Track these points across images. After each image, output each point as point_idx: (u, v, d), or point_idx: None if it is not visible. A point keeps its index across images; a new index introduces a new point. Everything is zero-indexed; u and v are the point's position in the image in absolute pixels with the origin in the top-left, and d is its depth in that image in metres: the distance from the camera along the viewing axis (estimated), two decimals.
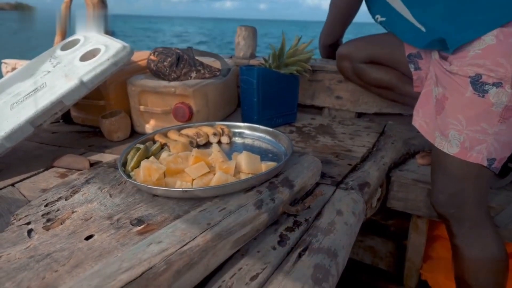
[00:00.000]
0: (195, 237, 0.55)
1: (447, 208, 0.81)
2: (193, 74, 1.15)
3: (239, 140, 0.97)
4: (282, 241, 0.64)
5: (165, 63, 1.13)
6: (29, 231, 0.61)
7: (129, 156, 0.81)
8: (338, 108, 1.37)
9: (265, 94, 1.15)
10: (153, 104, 1.14)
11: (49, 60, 1.11)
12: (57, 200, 0.71)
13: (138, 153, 0.80)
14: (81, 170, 0.91)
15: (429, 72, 0.90)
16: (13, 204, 0.77)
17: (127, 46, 1.07)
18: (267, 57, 1.22)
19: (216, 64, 1.27)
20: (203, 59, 1.25)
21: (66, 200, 0.71)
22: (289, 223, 0.69)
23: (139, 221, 0.62)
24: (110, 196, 0.71)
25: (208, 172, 0.72)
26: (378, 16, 1.00)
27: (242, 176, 0.72)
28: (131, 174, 0.77)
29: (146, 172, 0.71)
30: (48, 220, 0.64)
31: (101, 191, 0.73)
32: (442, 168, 0.81)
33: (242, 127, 0.99)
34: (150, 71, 1.17)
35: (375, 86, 1.10)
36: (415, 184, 0.97)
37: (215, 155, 0.76)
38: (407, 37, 0.93)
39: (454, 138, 0.77)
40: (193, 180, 0.71)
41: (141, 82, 1.12)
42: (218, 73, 1.20)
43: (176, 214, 0.64)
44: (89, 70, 0.99)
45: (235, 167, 0.73)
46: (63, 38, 1.68)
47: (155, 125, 1.16)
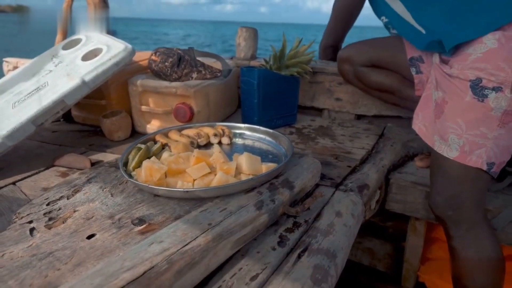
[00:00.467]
0: (196, 237, 0.56)
1: (445, 210, 0.82)
2: (194, 75, 1.15)
3: (240, 141, 0.98)
4: (281, 242, 0.64)
5: (166, 63, 1.13)
6: (31, 230, 0.61)
7: (130, 156, 0.82)
8: (338, 110, 1.38)
9: (266, 95, 1.16)
10: (154, 104, 1.15)
11: (51, 59, 1.12)
12: (59, 199, 0.71)
13: (139, 153, 0.80)
14: (82, 169, 0.92)
15: (430, 76, 0.91)
16: (14, 202, 0.78)
17: (129, 46, 1.07)
18: (268, 58, 1.22)
19: (217, 65, 1.28)
20: (204, 60, 1.26)
21: (67, 199, 0.71)
22: (289, 224, 0.69)
23: (140, 220, 0.63)
24: (112, 196, 0.71)
25: (209, 173, 0.73)
26: (383, 17, 1.02)
27: (243, 177, 0.72)
28: (133, 174, 0.77)
29: (148, 172, 0.71)
30: (50, 219, 0.64)
31: (103, 190, 0.74)
32: (441, 171, 0.82)
33: (242, 128, 1.00)
34: (151, 71, 1.18)
35: (376, 89, 1.11)
36: (413, 187, 0.97)
37: (216, 156, 0.76)
38: (409, 38, 0.94)
39: (454, 142, 0.78)
40: (194, 180, 0.72)
41: (142, 82, 1.13)
42: (219, 74, 1.21)
43: (177, 214, 0.64)
44: (91, 69, 1.00)
45: (236, 168, 0.74)
46: (64, 38, 1.68)
47: (156, 125, 1.16)
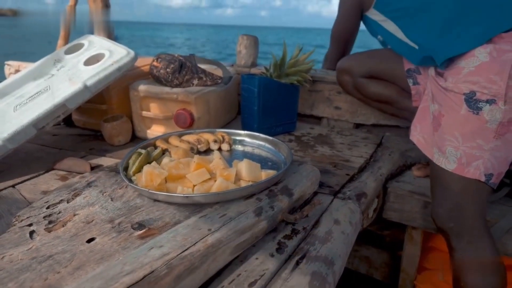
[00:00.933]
0: (196, 242, 0.56)
1: (447, 222, 0.82)
2: (195, 81, 1.17)
3: (240, 147, 0.98)
4: (280, 248, 0.65)
5: (168, 69, 1.14)
6: (31, 233, 0.62)
7: (130, 161, 0.83)
8: (337, 119, 1.39)
9: (266, 102, 1.17)
10: (154, 109, 1.16)
11: (53, 64, 1.13)
12: (58, 203, 0.71)
13: (140, 158, 0.81)
14: (82, 173, 0.92)
15: (426, 88, 0.92)
16: (13, 205, 0.78)
17: (131, 52, 1.08)
18: (268, 66, 1.24)
19: (218, 72, 1.29)
20: (205, 67, 1.27)
21: (67, 202, 0.71)
22: (288, 231, 0.70)
23: (140, 225, 0.63)
24: (112, 200, 0.72)
25: (209, 179, 0.73)
26: (379, 36, 1.07)
27: (243, 184, 0.73)
28: (133, 178, 0.78)
29: (148, 177, 0.72)
30: (50, 222, 0.65)
31: (103, 194, 0.74)
32: (440, 183, 0.83)
33: (242, 134, 1.01)
34: (153, 77, 1.19)
35: (375, 100, 1.12)
36: (411, 196, 0.98)
37: (216, 162, 0.77)
38: (404, 54, 0.97)
39: (451, 154, 0.79)
40: (194, 186, 0.72)
41: (143, 88, 1.14)
42: (219, 81, 1.22)
43: (177, 219, 0.65)
44: (93, 74, 1.01)
45: (236, 175, 0.74)
46: (66, 42, 1.70)
47: (156, 130, 1.17)
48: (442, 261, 1.10)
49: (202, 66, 1.26)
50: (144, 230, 0.61)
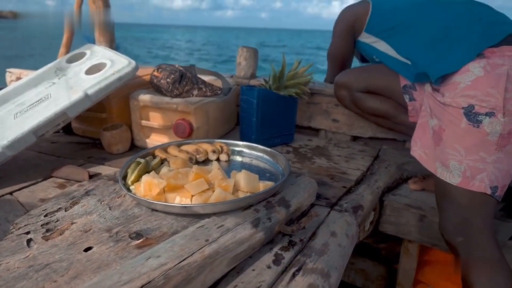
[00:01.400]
0: (193, 253, 0.56)
1: (455, 236, 0.82)
2: (195, 92, 1.18)
3: (238, 158, 0.99)
4: (277, 260, 0.65)
5: (168, 79, 1.16)
6: (29, 241, 0.62)
7: (129, 170, 0.83)
8: (335, 131, 1.41)
9: (264, 114, 1.18)
10: (154, 119, 1.17)
11: (55, 72, 1.14)
12: (56, 211, 0.71)
13: (138, 167, 0.81)
14: (80, 181, 0.92)
15: (423, 103, 0.94)
16: (10, 212, 0.78)
17: (132, 62, 1.10)
18: (267, 78, 1.26)
19: (218, 83, 1.30)
20: (205, 77, 1.29)
21: (65, 211, 0.71)
22: (284, 242, 0.70)
23: (138, 234, 0.63)
24: (110, 209, 0.72)
25: (207, 189, 0.74)
26: (374, 56, 1.10)
27: (241, 195, 0.74)
28: (131, 187, 0.78)
29: (147, 187, 0.72)
30: (47, 230, 0.65)
31: (101, 203, 0.74)
32: (446, 198, 0.83)
33: (240, 145, 1.01)
34: (153, 86, 1.20)
35: (372, 114, 1.14)
36: (407, 209, 0.99)
37: (215, 173, 0.78)
38: (399, 71, 1.00)
39: (455, 168, 0.79)
40: (192, 196, 0.72)
41: (144, 97, 1.15)
42: (219, 92, 1.23)
43: (174, 229, 0.65)
44: (94, 83, 1.02)
45: (234, 185, 0.75)
46: (67, 51, 1.71)
47: (155, 139, 1.18)
48: (438, 275, 1.10)
49: (202, 77, 1.27)
50: (141, 240, 0.62)
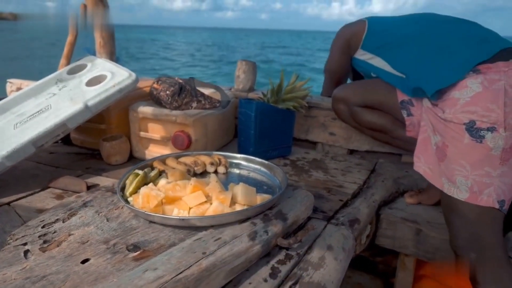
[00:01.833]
0: (190, 266, 0.57)
1: (467, 252, 0.82)
2: (194, 104, 1.19)
3: (236, 170, 1.00)
4: (273, 273, 0.65)
5: (167, 92, 1.17)
6: (26, 252, 0.62)
7: (127, 181, 0.83)
8: (331, 144, 1.42)
9: (262, 127, 1.20)
10: (153, 130, 1.18)
11: (55, 83, 1.15)
12: (54, 222, 0.72)
13: (137, 179, 0.82)
14: (78, 192, 0.92)
15: (421, 118, 0.96)
16: (7, 223, 0.78)
17: (133, 74, 1.11)
18: (265, 91, 1.27)
19: (216, 95, 1.32)
20: (204, 90, 1.30)
21: (63, 222, 0.72)
22: (281, 256, 0.70)
23: (135, 246, 0.64)
24: (107, 220, 0.72)
25: (205, 202, 0.74)
26: (372, 73, 1.12)
27: (238, 207, 0.74)
28: (129, 199, 0.78)
29: (145, 199, 0.73)
30: (44, 242, 0.65)
31: (98, 214, 0.74)
32: (455, 214, 0.83)
33: (238, 158, 1.02)
34: (152, 98, 1.21)
35: (369, 128, 1.16)
36: (403, 223, 0.99)
37: (213, 185, 0.78)
38: (396, 86, 1.02)
39: (462, 184, 0.80)
40: (190, 208, 0.73)
41: (143, 109, 1.16)
42: (218, 105, 1.25)
43: (172, 242, 0.65)
44: (94, 95, 1.03)
45: (231, 198, 0.75)
46: (68, 62, 1.73)
47: (153, 151, 1.18)
48: None
49: (201, 89, 1.29)
50: (139, 252, 0.62)
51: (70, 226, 0.70)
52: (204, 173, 0.97)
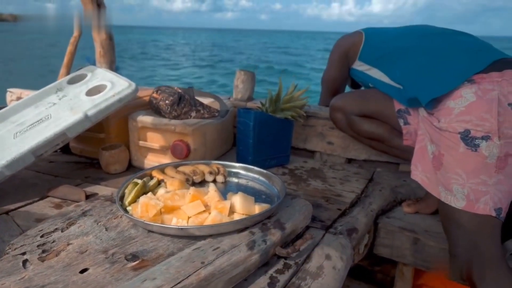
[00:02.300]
0: (189, 275, 0.57)
1: (466, 261, 0.82)
2: (193, 114, 1.20)
3: (234, 180, 1.00)
4: (272, 283, 0.65)
5: (167, 101, 1.18)
6: (24, 262, 0.62)
7: (126, 190, 0.84)
8: (330, 153, 1.43)
9: (261, 136, 1.21)
10: (152, 140, 1.18)
11: (55, 93, 1.16)
12: (53, 231, 0.72)
13: (136, 188, 0.82)
14: (76, 201, 0.93)
15: (418, 128, 0.97)
16: (6, 232, 0.78)
17: (133, 84, 1.13)
18: (264, 101, 1.29)
19: (215, 105, 1.33)
20: (203, 100, 1.32)
21: (62, 231, 0.72)
22: (279, 265, 0.71)
23: (133, 256, 0.64)
24: (106, 230, 0.72)
25: (204, 211, 0.75)
26: (370, 84, 1.14)
27: (236, 217, 0.74)
28: (128, 208, 0.79)
29: (144, 208, 0.73)
30: (43, 251, 0.65)
31: (97, 224, 0.75)
32: (453, 223, 0.84)
33: (237, 167, 1.03)
34: (152, 108, 1.22)
35: (367, 137, 1.17)
36: (401, 232, 1.00)
37: (212, 195, 0.79)
38: (393, 96, 1.04)
39: (458, 192, 0.81)
40: (188, 218, 0.73)
41: (142, 119, 1.17)
42: (217, 114, 1.26)
43: (170, 251, 0.65)
44: (94, 105, 1.04)
45: (230, 207, 0.76)
46: (68, 72, 1.75)
47: (152, 160, 1.19)
48: None
49: (200, 99, 1.30)
50: (137, 262, 0.62)
51: (69, 235, 0.70)
52: (203, 182, 0.98)
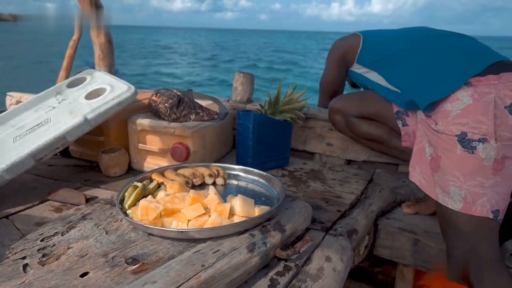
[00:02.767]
0: (189, 279, 0.57)
1: (465, 263, 0.82)
2: (192, 116, 1.21)
3: (234, 182, 1.01)
4: (272, 285, 0.65)
5: (166, 104, 1.18)
6: (25, 266, 0.62)
7: (126, 194, 0.84)
8: (329, 155, 1.43)
9: (260, 138, 1.21)
10: (151, 143, 1.18)
11: (55, 96, 1.16)
12: (53, 235, 0.72)
13: (136, 191, 0.82)
14: (76, 205, 0.93)
15: (417, 129, 0.97)
16: (6, 236, 0.78)
17: (132, 87, 1.13)
18: (263, 103, 1.29)
19: (214, 107, 1.34)
20: (202, 102, 1.32)
21: (62, 235, 0.72)
22: (280, 267, 0.71)
23: (134, 259, 0.64)
24: (106, 233, 0.72)
25: (204, 214, 0.75)
26: (368, 86, 1.14)
27: (236, 219, 0.75)
28: (128, 212, 0.79)
29: (144, 211, 0.73)
30: (43, 255, 0.65)
31: (97, 227, 0.75)
32: (450, 225, 0.84)
33: (236, 169, 1.03)
34: (151, 111, 1.23)
35: (366, 139, 1.17)
36: (400, 233, 1.00)
37: (212, 197, 0.79)
38: (390, 99, 1.04)
39: (456, 194, 0.81)
40: (188, 221, 0.73)
41: (142, 121, 1.17)
42: (216, 116, 1.26)
43: (170, 254, 0.65)
44: (93, 108, 1.04)
45: (230, 210, 0.76)
46: (67, 75, 1.75)
47: (152, 163, 1.19)
48: None
49: (200, 101, 1.30)
50: (137, 265, 0.62)
51: (69, 239, 0.70)
52: (203, 185, 0.98)
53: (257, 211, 0.77)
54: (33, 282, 0.57)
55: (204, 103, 1.33)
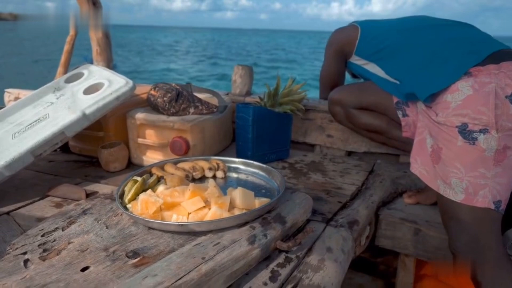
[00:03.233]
0: (190, 271, 0.57)
1: (467, 255, 0.82)
2: (191, 110, 1.20)
3: (234, 175, 1.00)
4: (273, 277, 0.65)
5: (165, 98, 1.18)
6: (26, 261, 0.62)
7: (126, 188, 0.84)
8: (329, 146, 1.43)
9: (260, 131, 1.20)
10: (151, 137, 1.18)
11: (53, 92, 1.16)
12: (53, 231, 0.72)
13: (135, 186, 0.82)
14: (77, 200, 0.93)
15: (417, 120, 0.96)
16: (7, 233, 0.78)
17: (130, 82, 1.12)
18: (262, 95, 1.28)
19: (214, 100, 1.33)
20: (201, 95, 1.31)
21: (62, 230, 0.72)
22: (281, 259, 0.71)
23: (134, 253, 0.64)
24: (107, 228, 0.72)
25: (204, 207, 0.75)
26: (367, 77, 1.13)
27: (236, 212, 0.74)
28: (128, 206, 0.79)
29: (144, 205, 0.73)
30: (44, 251, 0.65)
31: (98, 222, 0.75)
32: (452, 216, 0.83)
33: (236, 162, 1.03)
34: (150, 105, 1.22)
35: (366, 130, 1.17)
36: (402, 223, 1.00)
37: (211, 190, 0.79)
38: (390, 91, 1.03)
39: (457, 185, 0.80)
40: (189, 214, 0.73)
41: (141, 116, 1.16)
42: (215, 110, 1.25)
43: (171, 248, 0.65)
44: (92, 103, 1.03)
45: (230, 203, 0.76)
46: (65, 70, 1.74)
47: (151, 157, 1.19)
48: None
49: (198, 95, 1.29)
50: (138, 259, 0.62)
51: (70, 234, 0.70)
52: (203, 178, 0.98)
53: (257, 203, 0.77)
54: (34, 277, 0.57)
55: (203, 96, 1.32)
